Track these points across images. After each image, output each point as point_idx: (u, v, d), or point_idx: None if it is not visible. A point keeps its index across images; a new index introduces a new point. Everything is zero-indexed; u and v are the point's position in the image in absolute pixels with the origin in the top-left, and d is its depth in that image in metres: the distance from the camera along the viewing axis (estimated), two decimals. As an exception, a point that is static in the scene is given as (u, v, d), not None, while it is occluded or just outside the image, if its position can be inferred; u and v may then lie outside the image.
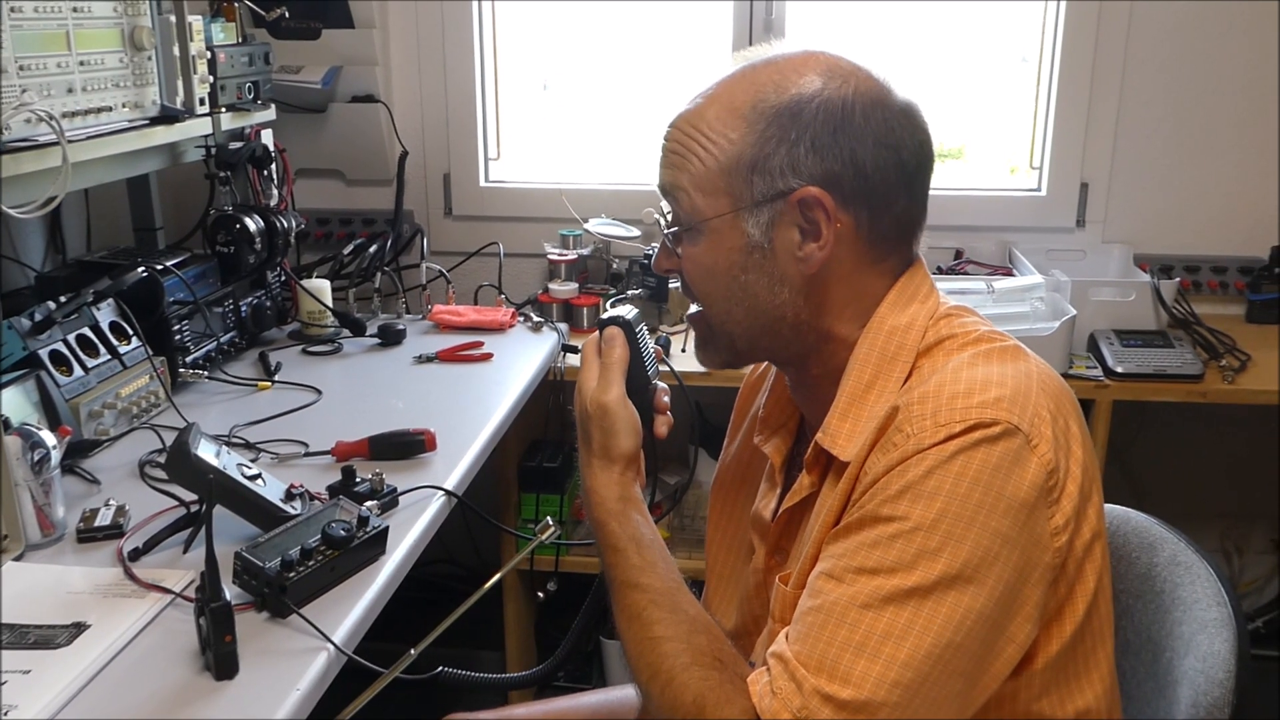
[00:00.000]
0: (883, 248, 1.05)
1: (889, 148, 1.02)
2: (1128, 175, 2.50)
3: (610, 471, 1.10)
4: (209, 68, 1.95)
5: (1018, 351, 1.03)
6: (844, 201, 1.01)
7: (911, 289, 1.07)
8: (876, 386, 1.03)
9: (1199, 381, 2.10)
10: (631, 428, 1.10)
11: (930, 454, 0.92)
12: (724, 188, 1.03)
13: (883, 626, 0.90)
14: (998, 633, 0.92)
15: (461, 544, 2.48)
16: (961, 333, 1.04)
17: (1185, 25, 2.40)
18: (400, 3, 2.56)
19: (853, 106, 1.01)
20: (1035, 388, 0.97)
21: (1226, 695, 1.05)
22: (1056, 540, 0.94)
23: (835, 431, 1.04)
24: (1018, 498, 0.91)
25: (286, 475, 1.46)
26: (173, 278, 1.89)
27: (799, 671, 0.91)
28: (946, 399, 0.95)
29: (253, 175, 2.17)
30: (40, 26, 1.54)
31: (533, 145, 2.76)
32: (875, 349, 1.05)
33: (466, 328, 2.27)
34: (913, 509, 0.92)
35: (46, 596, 1.22)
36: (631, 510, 1.08)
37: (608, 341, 1.14)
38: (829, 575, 0.94)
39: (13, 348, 1.57)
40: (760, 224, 1.03)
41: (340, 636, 1.15)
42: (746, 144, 1.02)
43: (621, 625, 1.04)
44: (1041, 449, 0.93)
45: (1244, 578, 2.65)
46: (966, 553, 0.90)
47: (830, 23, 2.53)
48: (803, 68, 1.03)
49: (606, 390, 1.11)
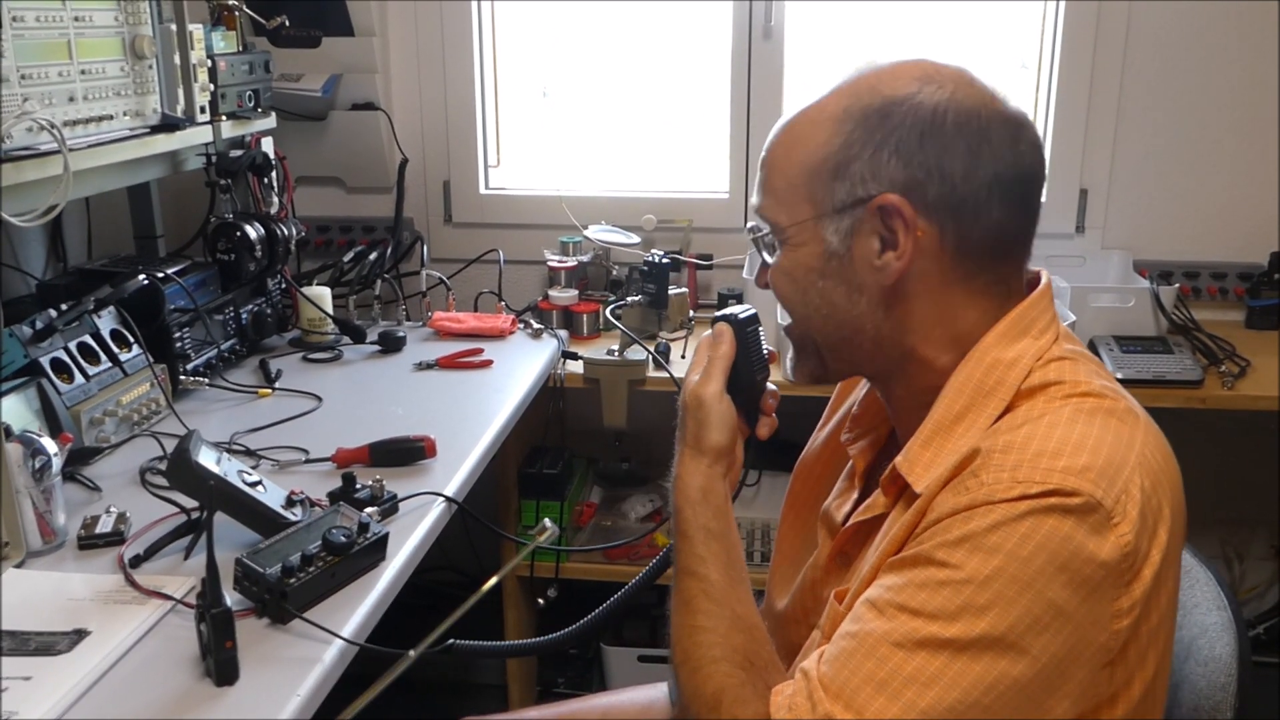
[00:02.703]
0: (972, 264, 1.01)
1: (984, 158, 0.97)
2: (1127, 181, 2.51)
3: (699, 462, 1.10)
4: (210, 76, 1.96)
5: (1127, 414, 0.96)
6: (926, 211, 0.97)
7: (1027, 321, 1.02)
8: (966, 420, 0.98)
9: (1198, 387, 2.10)
10: (725, 423, 1.10)
11: (999, 508, 0.88)
12: (806, 194, 1.01)
13: (910, 670, 0.87)
14: (1033, 706, 0.87)
15: (461, 551, 2.48)
16: (1071, 380, 0.97)
17: (1184, 31, 2.40)
18: (400, 11, 2.57)
19: (945, 113, 0.97)
20: (1133, 460, 0.91)
21: (1228, 699, 1.06)
22: (1117, 623, 0.89)
23: (915, 459, 1.00)
24: (1083, 573, 0.86)
25: (287, 482, 1.47)
26: (173, 285, 1.90)
27: (818, 693, 0.90)
28: (1032, 455, 0.90)
29: (253, 183, 2.17)
30: (42, 35, 1.55)
31: (532, 152, 2.76)
32: (973, 380, 0.99)
33: (466, 334, 2.27)
34: (969, 560, 0.88)
35: (47, 603, 1.22)
36: (710, 502, 1.08)
37: (715, 337, 1.14)
38: (872, 604, 0.92)
39: (14, 355, 1.57)
40: (840, 231, 1.01)
41: (341, 643, 1.15)
42: (833, 147, 0.99)
43: (673, 609, 1.05)
44: (1122, 529, 0.87)
45: (1244, 584, 2.65)
46: (1014, 617, 0.86)
47: (829, 31, 2.54)
48: (902, 73, 1.00)
49: (706, 384, 1.11)
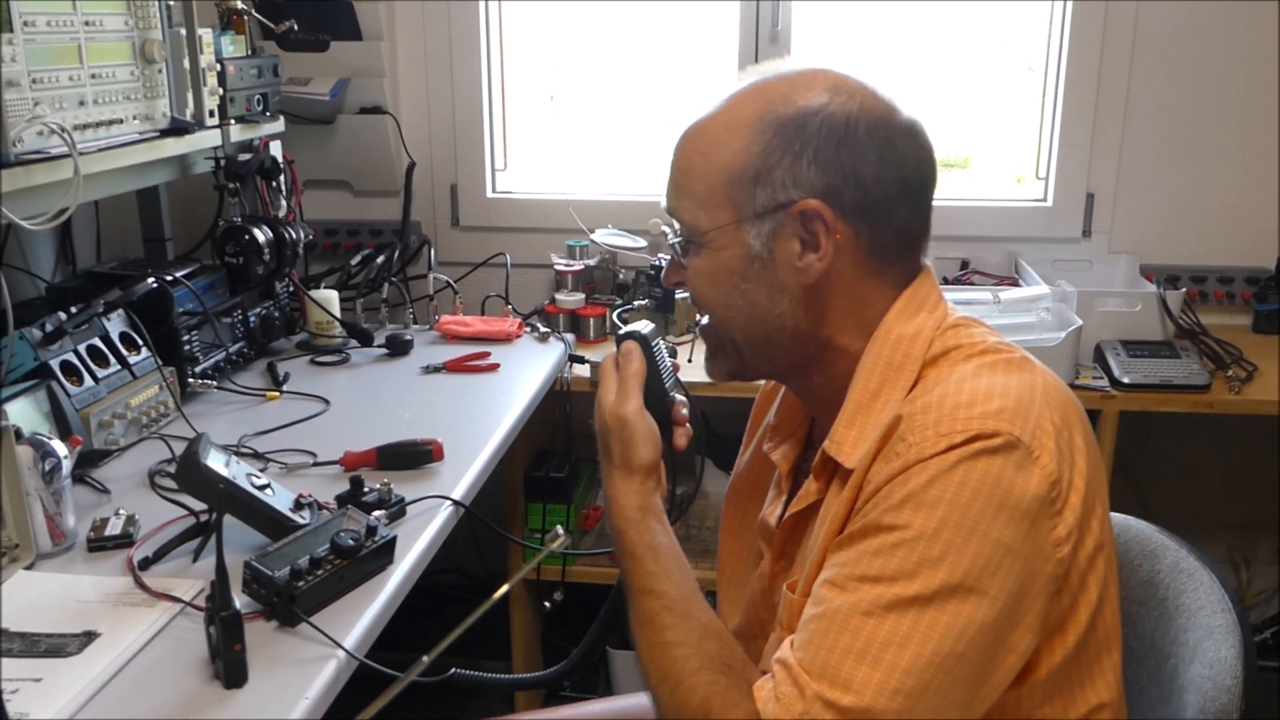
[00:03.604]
0: (883, 260, 1.07)
1: (891, 164, 1.03)
2: (1134, 185, 2.51)
3: (630, 481, 1.11)
4: (219, 80, 1.97)
5: (1024, 363, 1.03)
6: (844, 214, 1.03)
7: (919, 299, 1.08)
8: (882, 395, 1.04)
9: (1205, 392, 2.10)
10: (650, 439, 1.12)
11: (931, 464, 0.93)
12: (726, 199, 1.05)
13: (884, 634, 0.90)
14: (999, 642, 0.93)
15: (468, 554, 2.48)
16: (968, 343, 1.05)
17: (1191, 35, 2.40)
18: (408, 15, 2.58)
19: (857, 122, 1.02)
20: (1039, 399, 0.97)
21: (1234, 701, 1.06)
22: (1059, 551, 0.95)
23: (841, 439, 1.05)
24: (1019, 508, 0.92)
25: (295, 485, 1.47)
26: (182, 288, 1.90)
27: (801, 677, 0.92)
28: (949, 409, 0.95)
29: (261, 186, 2.18)
30: (53, 40, 1.55)
31: (539, 156, 2.77)
32: (882, 358, 1.05)
33: (473, 338, 2.28)
34: (914, 518, 0.92)
35: (57, 605, 1.23)
36: (650, 519, 1.10)
37: (624, 356, 1.16)
38: (832, 583, 0.95)
39: (24, 358, 1.58)
40: (761, 235, 1.05)
41: (349, 645, 1.15)
42: (751, 154, 1.03)
43: (636, 630, 1.06)
44: (1044, 460, 0.93)
45: (1251, 589, 2.65)
46: (968, 562, 0.91)
47: (836, 35, 2.54)
48: (810, 83, 1.05)
49: (624, 403, 1.13)
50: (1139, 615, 1.24)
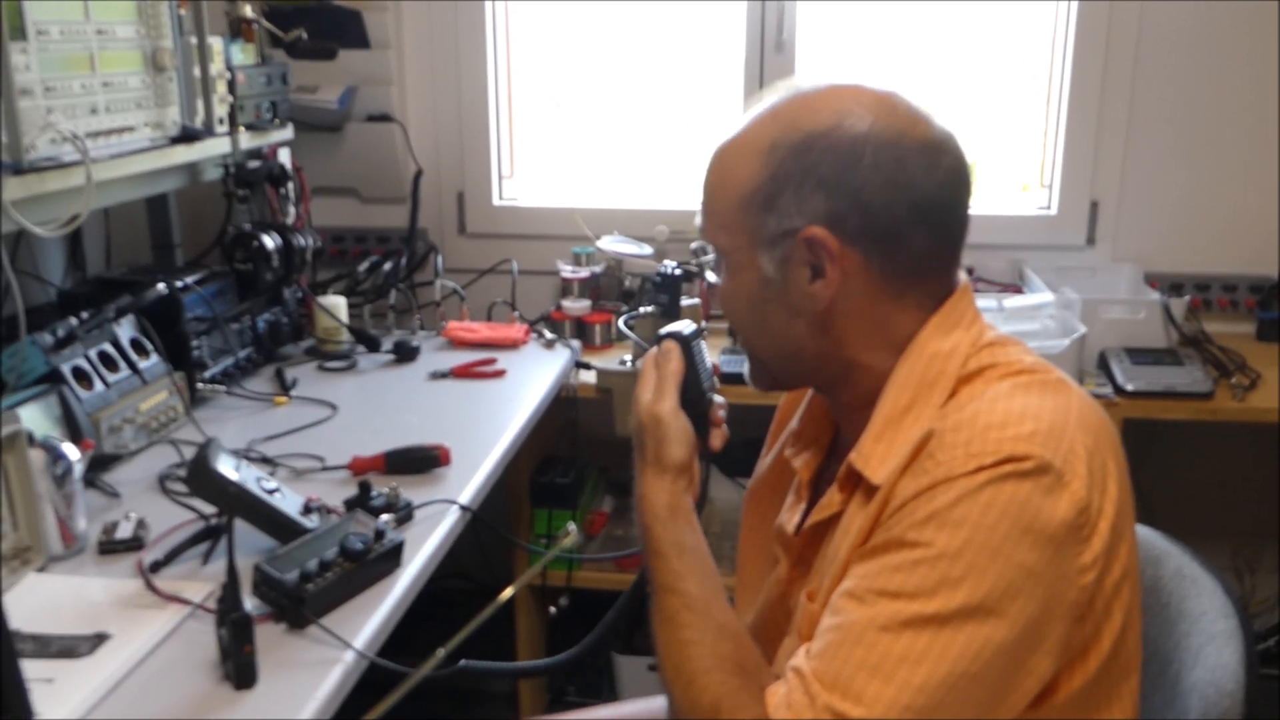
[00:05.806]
0: (902, 283, 1.04)
1: (901, 187, 1.00)
2: (1138, 193, 2.51)
3: (662, 479, 1.12)
4: (228, 88, 1.98)
5: (1060, 384, 1.01)
6: (849, 240, 1.01)
7: (955, 315, 1.06)
8: (913, 411, 1.02)
9: (1209, 400, 2.10)
10: (683, 438, 1.13)
11: (959, 483, 0.92)
12: (741, 223, 1.05)
13: (899, 650, 0.90)
14: (1017, 665, 0.91)
15: (473, 559, 2.49)
16: (1005, 362, 1.03)
17: (1195, 43, 2.41)
18: (415, 23, 2.59)
19: (864, 146, 1.00)
20: (1073, 422, 0.96)
21: (1237, 706, 1.06)
22: (1084, 577, 0.93)
23: (869, 453, 1.03)
24: (1045, 532, 0.91)
25: (304, 489, 1.48)
26: (192, 294, 1.92)
27: (814, 686, 0.92)
28: (980, 429, 0.94)
29: (270, 193, 2.19)
30: (66, 49, 1.57)
31: (546, 164, 2.78)
32: (915, 373, 1.03)
33: (480, 344, 2.29)
34: (938, 536, 0.91)
35: (68, 607, 1.24)
36: (679, 518, 1.11)
37: (663, 355, 1.16)
38: (851, 595, 0.95)
39: (35, 363, 1.60)
40: (774, 260, 1.04)
41: (358, 646, 1.16)
42: (761, 179, 1.03)
43: (656, 627, 1.07)
44: (1074, 486, 0.92)
45: (1255, 597, 2.65)
46: (989, 584, 0.90)
47: (843, 42, 2.55)
48: (823, 105, 1.03)
49: (660, 401, 1.13)
50: (1143, 620, 1.24)
